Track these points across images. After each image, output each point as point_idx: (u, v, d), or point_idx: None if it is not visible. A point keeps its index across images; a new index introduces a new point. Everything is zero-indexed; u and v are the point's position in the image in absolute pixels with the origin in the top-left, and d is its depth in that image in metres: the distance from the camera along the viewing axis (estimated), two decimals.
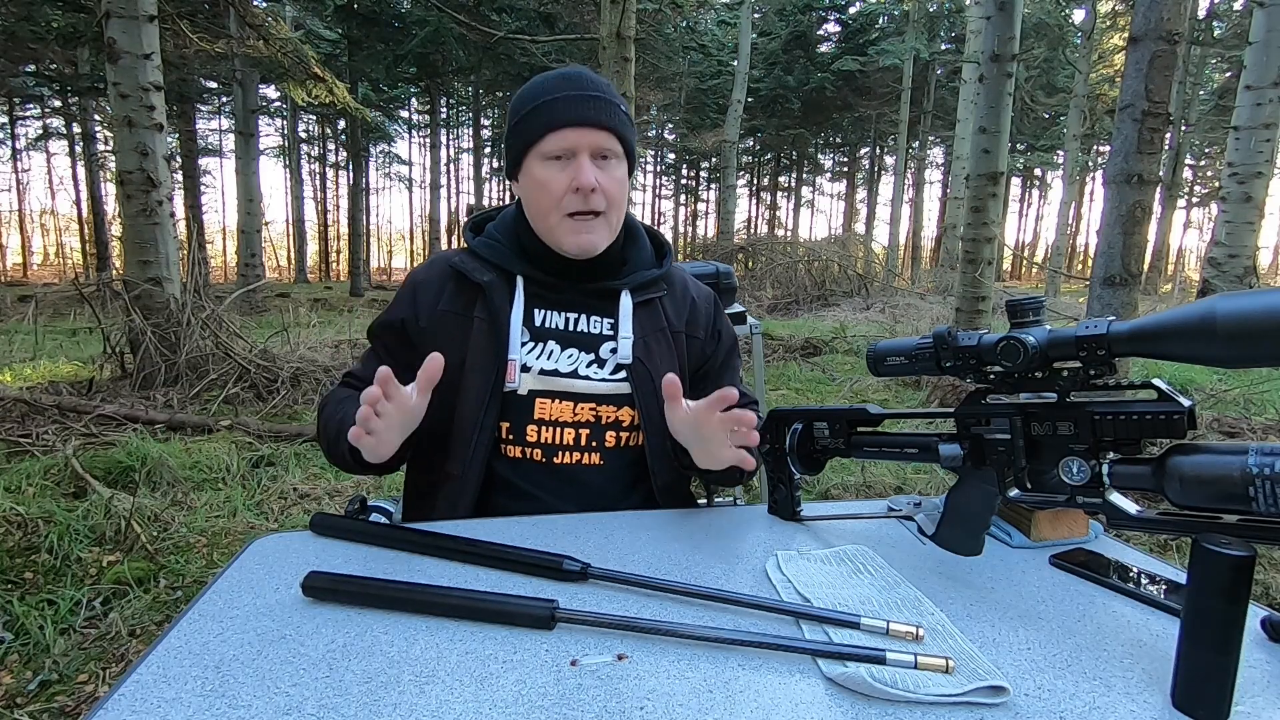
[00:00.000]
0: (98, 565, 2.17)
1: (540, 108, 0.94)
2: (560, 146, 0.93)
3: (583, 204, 0.94)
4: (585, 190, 0.93)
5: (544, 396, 0.98)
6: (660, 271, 1.07)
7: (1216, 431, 3.67)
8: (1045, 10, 13.36)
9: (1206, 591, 0.49)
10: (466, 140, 27.71)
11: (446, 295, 1.01)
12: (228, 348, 4.67)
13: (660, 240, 1.13)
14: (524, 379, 0.97)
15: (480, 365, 0.96)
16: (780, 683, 0.54)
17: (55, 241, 30.43)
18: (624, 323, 1.01)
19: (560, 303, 1.02)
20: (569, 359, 0.99)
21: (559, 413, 0.98)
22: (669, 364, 1.04)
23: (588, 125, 0.93)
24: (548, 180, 0.94)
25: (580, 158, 0.93)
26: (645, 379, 1.00)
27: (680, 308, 1.09)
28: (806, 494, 2.67)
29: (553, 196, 0.94)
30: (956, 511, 0.74)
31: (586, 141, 0.93)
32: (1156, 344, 0.55)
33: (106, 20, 4.36)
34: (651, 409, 0.99)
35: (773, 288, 12.16)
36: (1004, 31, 5.29)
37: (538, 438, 0.98)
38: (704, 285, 1.17)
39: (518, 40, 10.76)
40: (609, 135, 0.95)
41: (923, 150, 21.75)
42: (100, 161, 16.82)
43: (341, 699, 0.52)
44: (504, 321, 0.97)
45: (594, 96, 0.94)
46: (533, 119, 0.95)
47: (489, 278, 1.00)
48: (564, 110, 0.93)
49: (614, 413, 1.00)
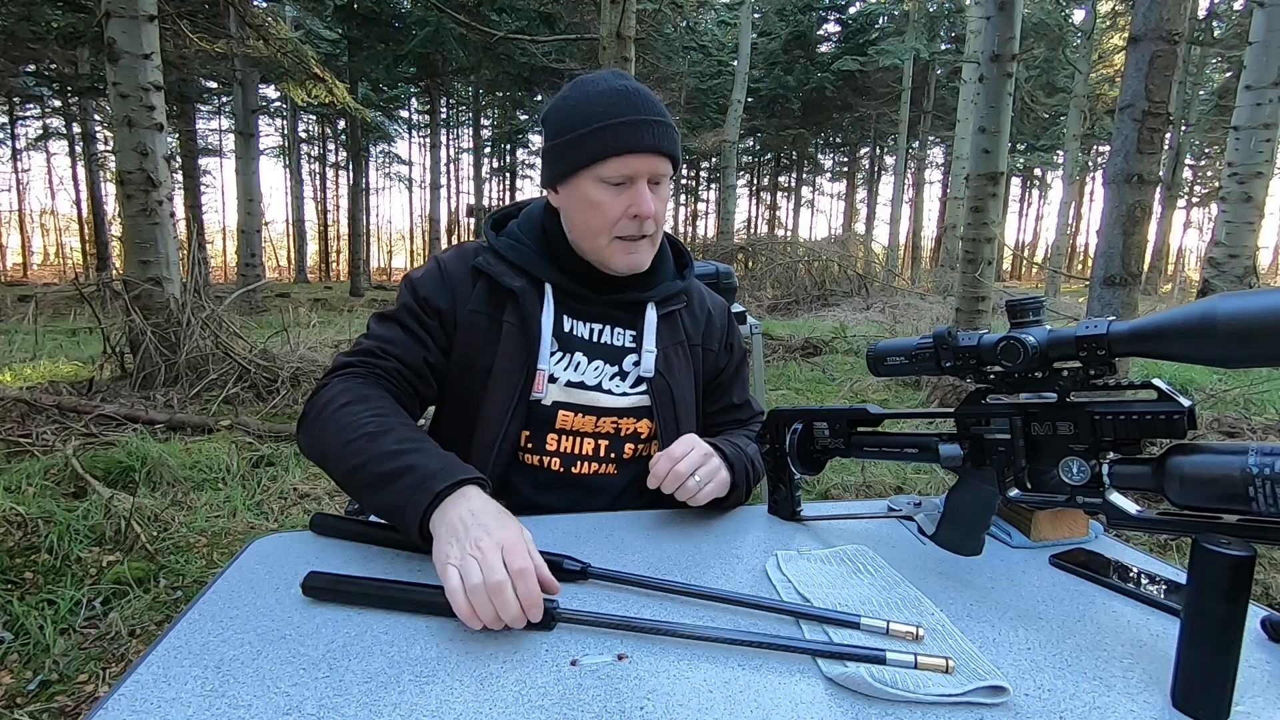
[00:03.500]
0: (98, 565, 2.17)
1: (603, 130, 0.89)
2: (622, 173, 0.91)
3: (637, 230, 0.93)
4: (645, 217, 0.92)
5: (567, 409, 0.97)
6: (683, 284, 1.08)
7: (1216, 431, 3.67)
8: (1045, 10, 13.36)
9: (1206, 591, 0.49)
10: (466, 140, 27.71)
11: (476, 295, 0.98)
12: (228, 348, 4.67)
13: (681, 249, 1.13)
14: (550, 389, 0.96)
15: (508, 373, 0.95)
16: (780, 683, 0.54)
17: (55, 241, 30.44)
18: (648, 336, 1.00)
19: (586, 314, 1.01)
20: (595, 371, 0.99)
21: (581, 424, 0.98)
22: (686, 376, 1.05)
23: (650, 153, 0.91)
24: (604, 203, 0.92)
25: (639, 184, 0.91)
26: (664, 391, 1.01)
27: (698, 320, 1.10)
28: (806, 494, 2.67)
29: (607, 219, 0.92)
30: (956, 511, 0.74)
31: (647, 168, 0.91)
32: (1156, 344, 0.55)
33: (106, 20, 4.35)
34: (668, 421, 1.00)
35: (773, 288, 12.16)
36: (1004, 31, 5.29)
37: (557, 447, 0.98)
38: (718, 297, 1.18)
39: (518, 40, 10.76)
40: (667, 162, 0.93)
41: (923, 150, 21.75)
42: (100, 161, 16.82)
43: (341, 699, 0.52)
44: (535, 330, 0.95)
45: (658, 122, 0.92)
46: (593, 140, 0.90)
47: (520, 284, 0.97)
48: (629, 137, 0.90)
49: (633, 424, 1.01)
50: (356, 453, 0.78)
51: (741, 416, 1.15)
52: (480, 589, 0.59)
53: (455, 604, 0.60)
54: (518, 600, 0.59)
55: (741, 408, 1.16)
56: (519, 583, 0.60)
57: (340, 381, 0.90)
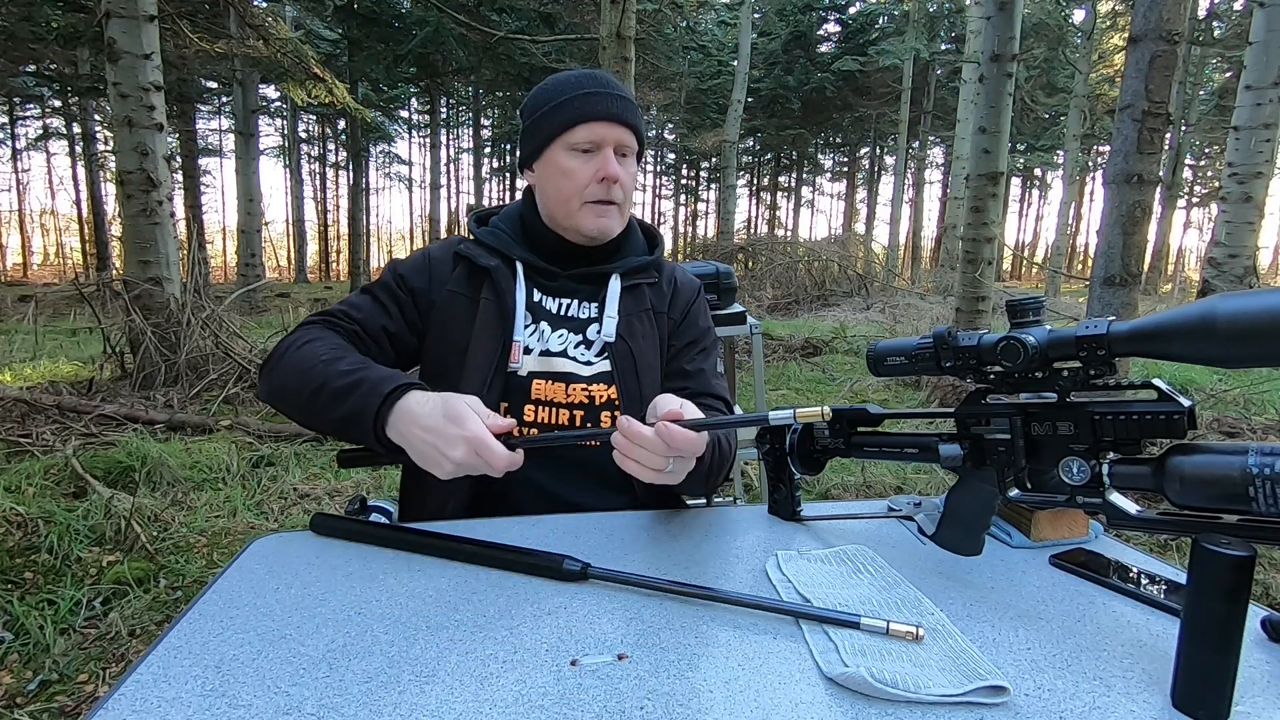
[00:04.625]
0: (98, 565, 2.17)
1: (571, 101, 0.99)
2: (589, 139, 0.99)
3: (605, 193, 1.00)
4: (610, 180, 0.99)
5: (540, 378, 1.00)
6: (651, 259, 1.11)
7: (1216, 431, 3.67)
8: (1045, 10, 13.36)
9: (1206, 591, 0.49)
10: (466, 140, 27.72)
11: (456, 277, 1.05)
12: (228, 348, 4.67)
13: (651, 231, 1.18)
14: (525, 360, 1.00)
15: (485, 345, 0.99)
16: (780, 683, 0.54)
17: (55, 241, 30.41)
18: (610, 303, 1.04)
19: (554, 289, 1.07)
20: (559, 339, 1.03)
21: (553, 393, 1.00)
22: (651, 342, 1.06)
23: (615, 121, 1.00)
24: (574, 169, 1.00)
25: (606, 150, 0.99)
26: (625, 356, 1.02)
27: (663, 294, 1.12)
28: (806, 494, 2.67)
29: (577, 184, 1.00)
30: (956, 511, 0.74)
31: (613, 136, 1.00)
32: (1156, 344, 0.55)
33: (106, 20, 4.36)
34: (630, 386, 1.01)
35: (773, 288, 12.16)
36: (1004, 31, 5.29)
37: (535, 418, 0.99)
38: (693, 277, 1.20)
39: (518, 40, 10.76)
40: (630, 133, 1.02)
41: (923, 150, 21.75)
42: (100, 161, 16.82)
43: (341, 699, 0.52)
44: (510, 304, 1.01)
45: (621, 96, 1.01)
46: (562, 111, 1.00)
47: (494, 263, 1.04)
48: (595, 105, 0.99)
49: (605, 391, 1.01)
50: (315, 378, 0.87)
51: (694, 387, 1.07)
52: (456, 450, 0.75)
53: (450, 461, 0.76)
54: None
55: (694, 376, 1.08)
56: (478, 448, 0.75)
57: (301, 332, 0.97)
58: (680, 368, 1.09)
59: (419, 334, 1.05)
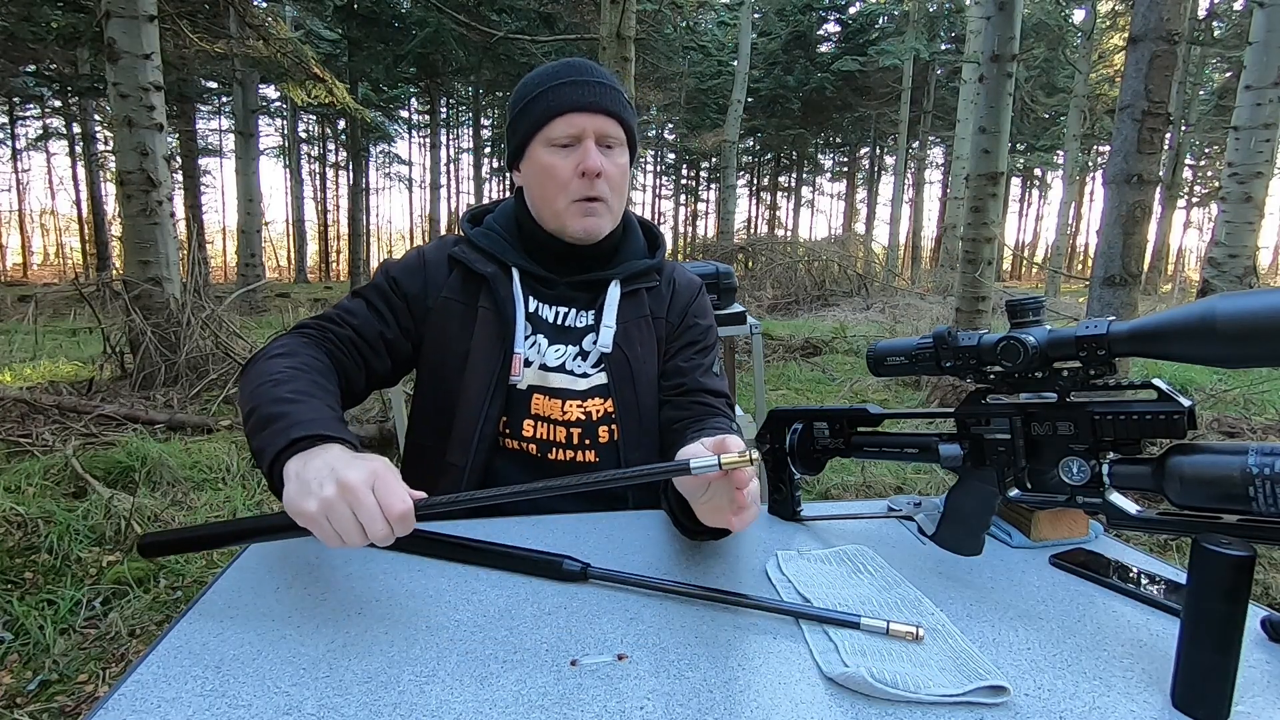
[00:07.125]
0: (98, 565, 2.17)
1: (546, 94, 0.94)
2: (566, 133, 0.94)
3: (589, 189, 0.95)
4: (591, 174, 0.94)
5: (539, 392, 0.98)
6: (653, 262, 1.07)
7: (1216, 431, 3.67)
8: (1045, 10, 13.36)
9: (1206, 591, 0.49)
10: (466, 140, 27.70)
11: (451, 283, 1.01)
12: (228, 348, 4.67)
13: (654, 232, 1.13)
14: (525, 374, 0.97)
15: (485, 357, 0.96)
16: (780, 683, 0.54)
17: (55, 241, 30.40)
18: (608, 312, 1.00)
19: (551, 297, 1.03)
20: (556, 354, 1.00)
21: (550, 409, 0.98)
22: (649, 350, 1.03)
23: (593, 110, 0.94)
24: (554, 166, 0.95)
25: (586, 143, 0.94)
26: (622, 365, 1.00)
27: (663, 295, 1.08)
28: (806, 494, 2.67)
29: (559, 182, 0.95)
30: (956, 511, 0.74)
31: (592, 126, 0.94)
32: (1156, 344, 0.55)
33: (106, 20, 4.35)
34: (626, 397, 0.99)
35: (773, 288, 12.15)
36: (1004, 31, 5.28)
37: (533, 433, 0.97)
38: (694, 276, 1.16)
39: (517, 40, 10.76)
40: (613, 121, 0.96)
41: (923, 150, 21.74)
42: (100, 161, 16.82)
43: (341, 699, 0.52)
44: (510, 313, 0.97)
45: (599, 83, 0.95)
46: (538, 105, 0.95)
47: (491, 269, 1.00)
48: (570, 95, 0.94)
49: (602, 406, 0.99)
50: (254, 397, 0.77)
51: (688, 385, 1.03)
52: (331, 501, 0.59)
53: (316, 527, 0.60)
54: (367, 512, 0.59)
55: (689, 374, 1.04)
56: (354, 498, 0.59)
57: (286, 339, 0.91)
58: (676, 365, 1.07)
59: (414, 340, 1.02)
